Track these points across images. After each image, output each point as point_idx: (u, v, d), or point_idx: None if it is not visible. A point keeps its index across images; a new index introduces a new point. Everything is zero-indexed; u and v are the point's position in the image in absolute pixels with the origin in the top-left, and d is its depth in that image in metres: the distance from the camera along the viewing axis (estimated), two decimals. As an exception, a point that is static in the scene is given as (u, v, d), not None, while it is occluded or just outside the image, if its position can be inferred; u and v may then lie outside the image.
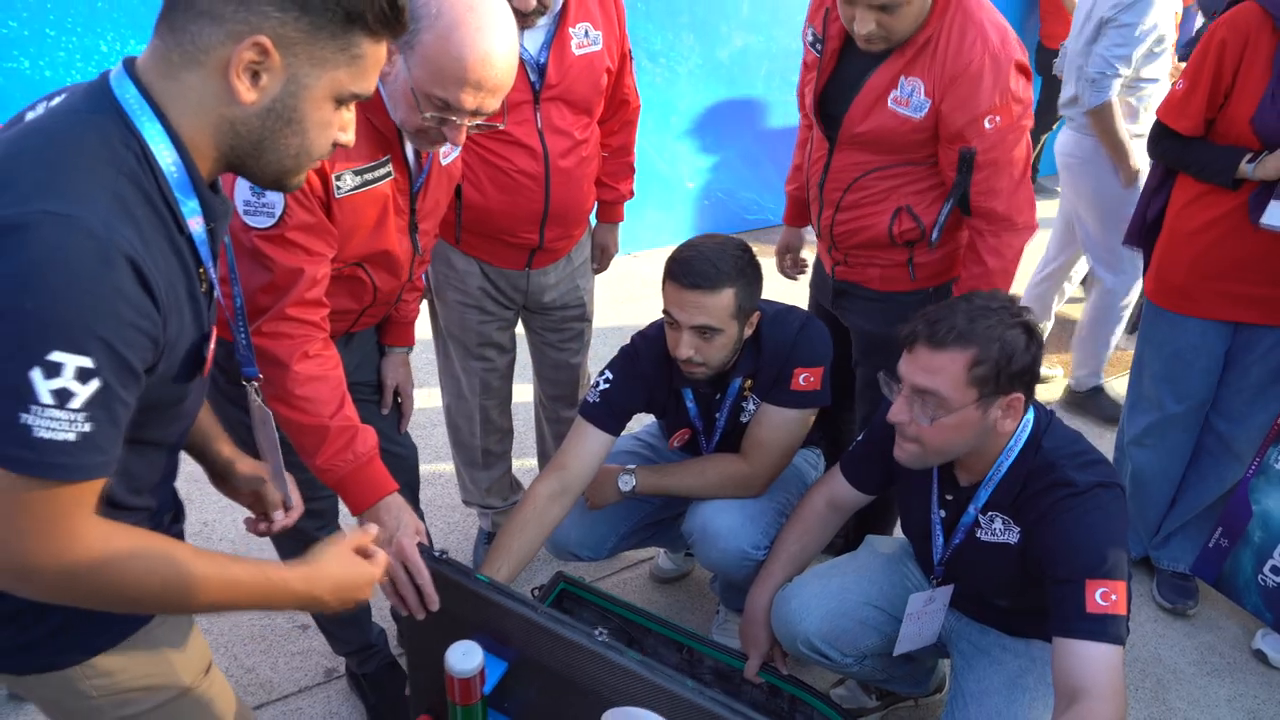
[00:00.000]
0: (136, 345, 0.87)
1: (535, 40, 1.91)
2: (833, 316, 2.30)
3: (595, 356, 2.51)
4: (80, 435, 0.84)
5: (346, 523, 1.95)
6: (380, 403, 1.92)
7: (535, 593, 2.00)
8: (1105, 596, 1.44)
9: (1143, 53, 2.90)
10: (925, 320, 1.56)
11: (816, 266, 2.40)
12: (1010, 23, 1.92)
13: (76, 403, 0.83)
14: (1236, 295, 2.19)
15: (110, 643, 1.10)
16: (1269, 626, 2.35)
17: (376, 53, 0.98)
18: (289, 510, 1.37)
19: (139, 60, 0.95)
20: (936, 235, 2.02)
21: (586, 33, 1.99)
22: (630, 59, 2.20)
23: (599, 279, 2.51)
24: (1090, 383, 3.52)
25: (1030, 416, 1.64)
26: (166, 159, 0.92)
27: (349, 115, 1.02)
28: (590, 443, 1.95)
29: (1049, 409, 1.69)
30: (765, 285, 1.92)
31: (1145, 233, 2.38)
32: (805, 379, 1.96)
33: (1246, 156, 2.03)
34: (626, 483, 2.05)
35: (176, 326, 0.95)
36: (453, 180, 1.77)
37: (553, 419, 2.56)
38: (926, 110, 1.88)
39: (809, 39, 2.06)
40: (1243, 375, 2.30)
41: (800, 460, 2.22)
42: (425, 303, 2.25)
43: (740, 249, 1.86)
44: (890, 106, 1.91)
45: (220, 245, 1.09)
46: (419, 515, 1.98)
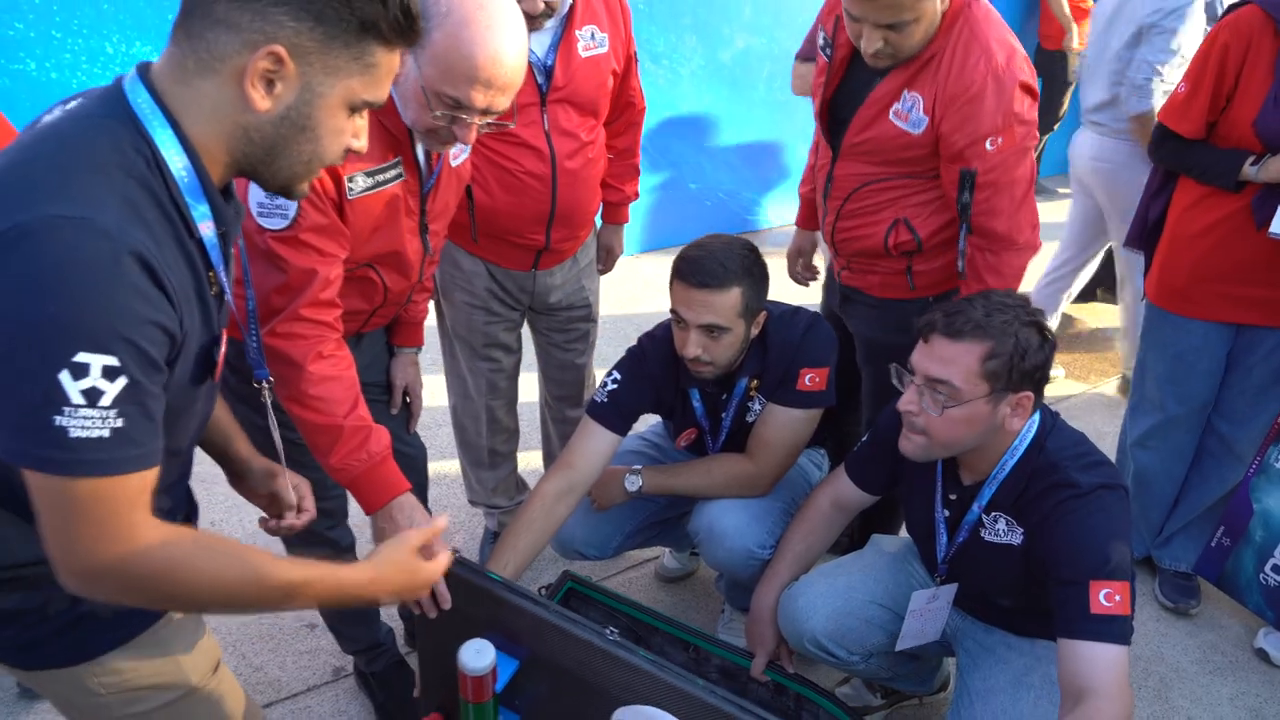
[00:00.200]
0: (157, 340, 0.89)
1: (542, 43, 1.92)
2: (841, 319, 2.31)
3: (598, 356, 2.52)
4: (114, 431, 0.86)
5: (353, 521, 1.96)
6: (389, 403, 1.93)
7: (542, 591, 2.01)
8: (1109, 597, 1.44)
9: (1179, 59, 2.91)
10: (942, 312, 1.57)
11: (829, 269, 2.41)
12: (1010, 23, 1.90)
13: (106, 400, 0.85)
14: (1238, 297, 2.20)
15: (119, 641, 1.11)
16: (1270, 625, 2.36)
17: (390, 61, 0.99)
18: (300, 513, 1.38)
19: (154, 66, 0.96)
20: (962, 266, 1.98)
21: (593, 35, 2.00)
22: (636, 61, 2.22)
23: (601, 280, 2.52)
24: None
25: (1035, 417, 1.64)
26: (177, 164, 0.93)
27: (362, 122, 1.03)
28: (597, 442, 1.95)
29: (1053, 410, 1.70)
30: (780, 291, 1.92)
31: (1146, 235, 2.39)
32: (811, 379, 1.96)
33: (1249, 159, 2.04)
34: (633, 483, 2.06)
35: (190, 326, 0.96)
36: (462, 181, 1.79)
37: (558, 419, 2.57)
38: (924, 127, 1.86)
39: (820, 42, 2.05)
40: (1245, 377, 2.30)
41: (805, 460, 2.24)
42: (432, 304, 2.26)
43: (747, 249, 1.88)
44: (890, 119, 1.89)
45: (234, 249, 1.10)
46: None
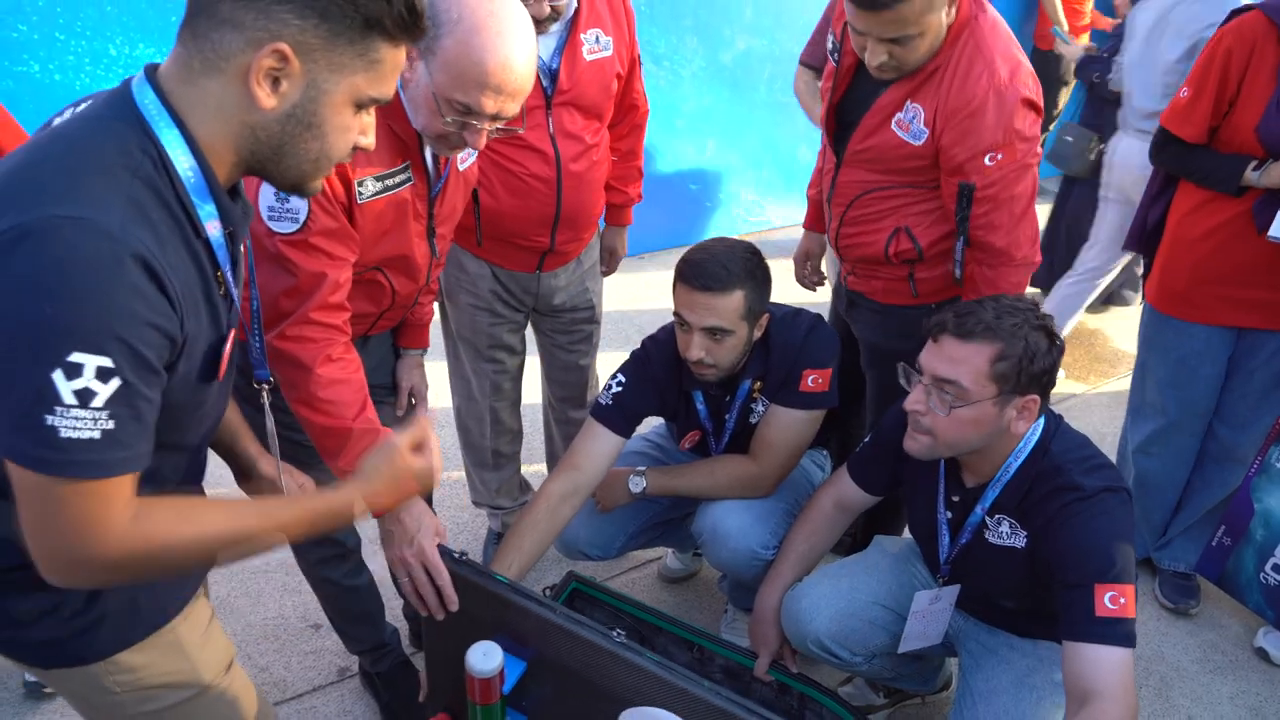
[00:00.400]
0: (154, 343, 0.89)
1: (547, 46, 1.93)
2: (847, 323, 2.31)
3: (599, 357, 2.52)
4: (104, 433, 0.86)
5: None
6: (396, 404, 1.94)
7: (547, 592, 2.01)
8: (1115, 600, 1.45)
9: None
10: (953, 312, 1.58)
11: (838, 273, 2.41)
12: (1009, 24, 1.90)
13: (98, 401, 0.85)
14: (1240, 300, 2.20)
15: (133, 640, 1.12)
16: (1270, 624, 2.37)
17: (395, 57, 0.99)
18: None
19: (161, 67, 0.97)
20: (959, 273, 1.98)
21: (597, 38, 2.01)
22: (639, 64, 2.22)
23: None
24: None
25: (1040, 421, 1.65)
26: (184, 164, 0.94)
27: (368, 119, 1.03)
28: (602, 444, 1.96)
29: (1057, 414, 1.71)
30: (785, 296, 1.93)
31: (1146, 239, 2.39)
32: (813, 380, 1.97)
33: (1251, 164, 2.05)
34: (637, 484, 2.07)
35: (194, 327, 0.96)
36: (469, 185, 1.79)
37: (561, 420, 2.58)
38: (925, 139, 1.85)
39: (829, 46, 2.04)
40: (1246, 380, 2.31)
41: (807, 461, 2.24)
42: (436, 305, 2.27)
43: (750, 251, 1.88)
44: (893, 128, 1.89)
45: (242, 249, 1.11)
46: (431, 515, 2.00)
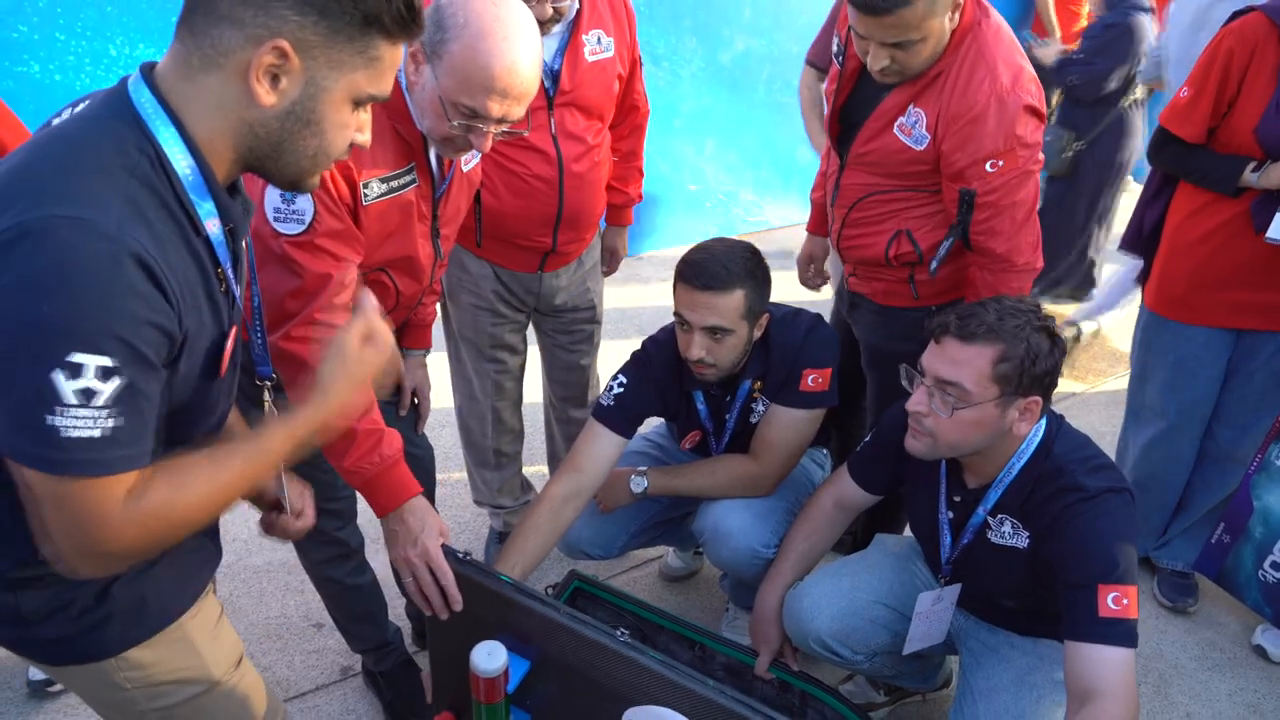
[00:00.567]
0: (154, 341, 0.90)
1: (549, 47, 1.94)
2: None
3: (599, 356, 2.53)
4: (105, 432, 0.87)
5: (362, 521, 1.97)
6: (398, 404, 1.94)
7: (549, 591, 2.02)
8: (1117, 601, 1.46)
9: None
10: (956, 314, 1.58)
11: (841, 275, 2.42)
12: (1009, 23, 1.89)
13: (100, 400, 0.86)
14: (1238, 302, 2.20)
15: (143, 637, 1.13)
16: (1269, 622, 2.38)
17: (394, 55, 1.00)
18: (299, 518, 1.35)
19: (159, 65, 0.97)
20: (935, 266, 1.98)
21: (599, 40, 2.02)
22: (640, 65, 2.23)
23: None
24: None
25: (1041, 422, 1.65)
26: (181, 163, 0.94)
27: (365, 116, 1.03)
28: (604, 445, 1.97)
29: (1059, 414, 1.71)
30: (791, 296, 1.93)
31: (1143, 241, 2.39)
32: (813, 380, 1.98)
33: (1250, 165, 2.05)
34: (638, 484, 2.08)
35: (194, 324, 0.96)
36: (473, 186, 1.80)
37: (563, 420, 2.59)
38: (926, 144, 1.86)
39: (834, 48, 2.05)
40: (1246, 382, 2.31)
41: (808, 460, 2.25)
42: (438, 306, 2.28)
43: (749, 251, 1.89)
44: (895, 132, 1.89)
45: (243, 246, 1.11)
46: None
